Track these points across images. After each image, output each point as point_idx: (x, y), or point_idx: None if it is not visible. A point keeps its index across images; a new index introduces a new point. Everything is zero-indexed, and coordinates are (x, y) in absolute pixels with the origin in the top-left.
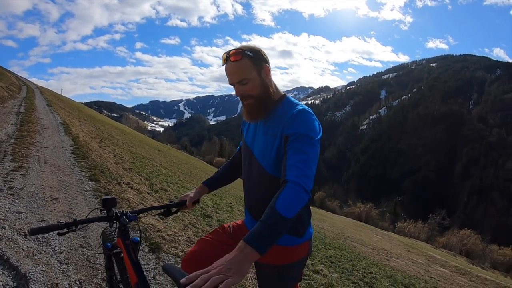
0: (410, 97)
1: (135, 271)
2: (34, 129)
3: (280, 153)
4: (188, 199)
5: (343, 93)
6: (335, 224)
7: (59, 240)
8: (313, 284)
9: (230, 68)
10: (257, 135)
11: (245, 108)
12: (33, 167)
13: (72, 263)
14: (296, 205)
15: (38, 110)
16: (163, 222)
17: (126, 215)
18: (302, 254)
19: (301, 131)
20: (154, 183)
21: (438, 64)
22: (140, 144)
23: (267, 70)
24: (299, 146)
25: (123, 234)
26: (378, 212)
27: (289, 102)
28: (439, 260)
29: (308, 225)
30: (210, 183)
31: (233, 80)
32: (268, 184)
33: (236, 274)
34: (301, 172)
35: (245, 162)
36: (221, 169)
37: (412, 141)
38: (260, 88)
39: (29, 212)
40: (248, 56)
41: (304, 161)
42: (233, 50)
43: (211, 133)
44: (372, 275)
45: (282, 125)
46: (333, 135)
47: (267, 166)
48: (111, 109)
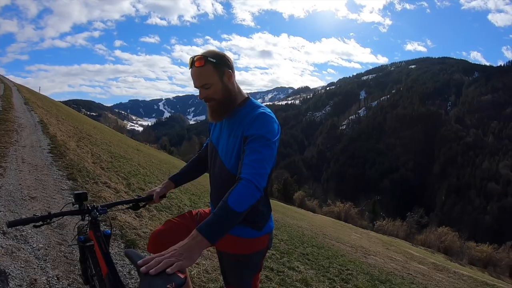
0: (389, 98)
1: (105, 262)
2: (11, 128)
3: (241, 153)
4: (155, 194)
5: (323, 94)
6: (314, 223)
7: (37, 237)
8: (288, 280)
9: (194, 72)
10: (221, 135)
11: (209, 109)
12: (10, 166)
13: (50, 259)
14: (247, 201)
15: (15, 108)
16: (139, 220)
17: (97, 209)
18: (261, 246)
19: (259, 132)
20: (132, 182)
21: (417, 66)
22: (119, 143)
23: (229, 75)
24: (255, 147)
25: (94, 227)
26: (357, 211)
27: (252, 104)
28: (417, 257)
29: (268, 220)
30: (177, 179)
31: (197, 84)
32: (228, 181)
33: (186, 258)
34: (254, 170)
35: (211, 159)
36: (187, 165)
37: (391, 141)
38: (222, 92)
39: (7, 210)
40: (211, 62)
41: (259, 160)
42: (197, 56)
43: (191, 133)
44: (349, 271)
45: (243, 126)
46: (313, 135)
47: (229, 165)
48: (90, 108)
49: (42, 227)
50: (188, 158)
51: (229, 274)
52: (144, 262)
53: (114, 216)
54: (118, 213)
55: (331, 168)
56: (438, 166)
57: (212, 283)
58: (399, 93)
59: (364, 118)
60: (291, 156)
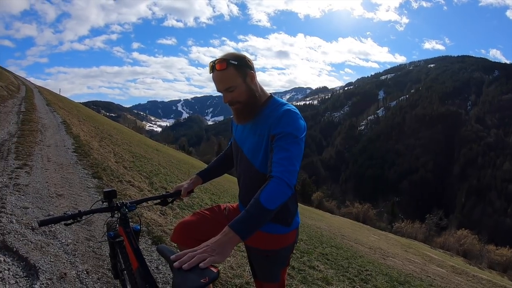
0: (408, 98)
1: (136, 256)
2: (35, 128)
3: (268, 151)
4: (183, 189)
5: (341, 94)
6: (333, 224)
7: (66, 233)
8: (309, 278)
9: (216, 76)
10: (246, 134)
11: (234, 112)
12: (36, 165)
13: (79, 254)
14: (278, 199)
15: (38, 109)
16: (164, 218)
17: (126, 205)
18: (290, 241)
19: (286, 130)
20: (154, 181)
21: (436, 65)
22: (139, 144)
23: (252, 75)
24: (283, 144)
25: (123, 223)
26: (376, 212)
27: (275, 102)
28: (436, 260)
29: (295, 215)
30: (204, 175)
31: (220, 88)
32: (257, 179)
33: (219, 254)
34: (284, 168)
35: (236, 158)
36: (214, 161)
37: (410, 142)
38: (246, 94)
39: (36, 207)
40: (233, 65)
41: (288, 158)
42: (218, 59)
43: (209, 133)
44: (368, 272)
45: (269, 125)
46: (331, 136)
47: (256, 163)
48: (109, 109)
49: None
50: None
51: (258, 269)
52: (177, 257)
53: (140, 213)
54: (144, 211)
55: (349, 169)
56: (458, 167)
57: (237, 279)
58: (418, 92)
59: (383, 119)
60: (310, 157)
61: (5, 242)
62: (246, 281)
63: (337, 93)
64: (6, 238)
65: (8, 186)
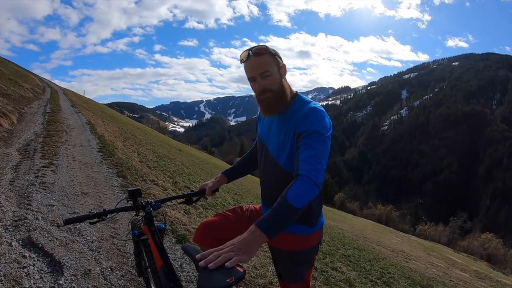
0: (431, 97)
1: (160, 255)
2: (61, 129)
3: (294, 149)
4: (208, 188)
5: (364, 94)
6: (355, 226)
7: (90, 230)
8: (331, 279)
9: (253, 62)
10: (271, 132)
11: (263, 103)
12: (62, 164)
13: (103, 251)
14: (306, 197)
15: (63, 110)
16: (188, 217)
17: (151, 204)
18: (314, 242)
19: (313, 128)
20: (178, 181)
21: (460, 63)
22: (162, 144)
23: (284, 69)
24: (310, 142)
25: (148, 222)
26: (399, 214)
27: (301, 100)
28: (459, 264)
29: (319, 216)
30: (230, 174)
31: (255, 73)
32: (281, 178)
33: (245, 253)
34: (311, 166)
35: (261, 157)
36: (239, 161)
37: (434, 142)
38: (278, 83)
39: (61, 205)
40: (270, 53)
41: (315, 156)
42: (256, 46)
43: (232, 134)
44: (390, 275)
45: (295, 123)
46: (354, 136)
47: (282, 162)
48: (132, 110)
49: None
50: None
51: (283, 269)
52: (203, 257)
53: (164, 212)
54: (168, 209)
55: (372, 169)
56: (483, 169)
57: (261, 278)
58: (442, 91)
59: (406, 118)
60: (332, 157)
61: (31, 238)
62: (269, 281)
63: (360, 92)
64: (32, 235)
65: (34, 184)
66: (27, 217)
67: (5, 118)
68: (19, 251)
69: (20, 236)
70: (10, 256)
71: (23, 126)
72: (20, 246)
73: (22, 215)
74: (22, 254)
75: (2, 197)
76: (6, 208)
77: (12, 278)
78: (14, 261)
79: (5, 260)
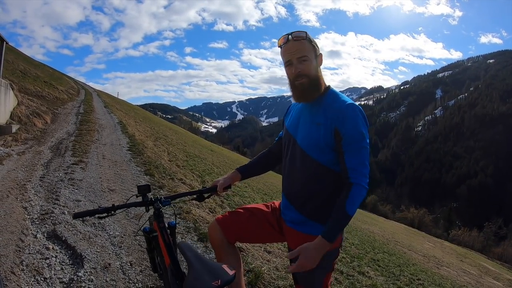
0: (467, 96)
1: (167, 252)
2: (92, 128)
3: (326, 141)
4: (219, 185)
5: (397, 93)
6: (386, 229)
7: (114, 226)
8: (357, 284)
9: (292, 45)
10: (300, 124)
11: (297, 88)
12: (91, 161)
13: (125, 246)
14: (359, 203)
15: (96, 111)
16: (212, 215)
17: (160, 200)
18: (335, 244)
19: (357, 131)
20: (206, 180)
21: (495, 60)
22: (194, 144)
23: (321, 58)
24: (357, 148)
25: (158, 218)
26: (432, 218)
27: (335, 93)
28: (493, 272)
29: None
30: (244, 170)
31: (293, 56)
32: (312, 169)
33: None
34: (361, 174)
35: (287, 150)
36: (256, 158)
37: (469, 144)
38: (314, 71)
39: (88, 200)
40: (310, 40)
41: (362, 163)
42: (296, 31)
43: (264, 134)
44: (420, 281)
45: (330, 116)
46: (387, 137)
47: (312, 152)
48: (165, 111)
49: (119, 217)
50: None
51: (300, 274)
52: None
53: (188, 210)
54: (193, 208)
55: (405, 172)
56: None
57: (282, 280)
58: (478, 90)
59: (441, 119)
60: None
61: (56, 231)
62: (290, 283)
63: (393, 92)
64: (56, 228)
65: (63, 180)
66: (53, 211)
67: (39, 118)
68: (43, 243)
69: (46, 229)
70: (34, 247)
71: (56, 126)
72: (44, 238)
73: (49, 209)
74: (46, 246)
75: (32, 192)
76: (35, 202)
77: (34, 268)
78: (37, 252)
79: (29, 250)
